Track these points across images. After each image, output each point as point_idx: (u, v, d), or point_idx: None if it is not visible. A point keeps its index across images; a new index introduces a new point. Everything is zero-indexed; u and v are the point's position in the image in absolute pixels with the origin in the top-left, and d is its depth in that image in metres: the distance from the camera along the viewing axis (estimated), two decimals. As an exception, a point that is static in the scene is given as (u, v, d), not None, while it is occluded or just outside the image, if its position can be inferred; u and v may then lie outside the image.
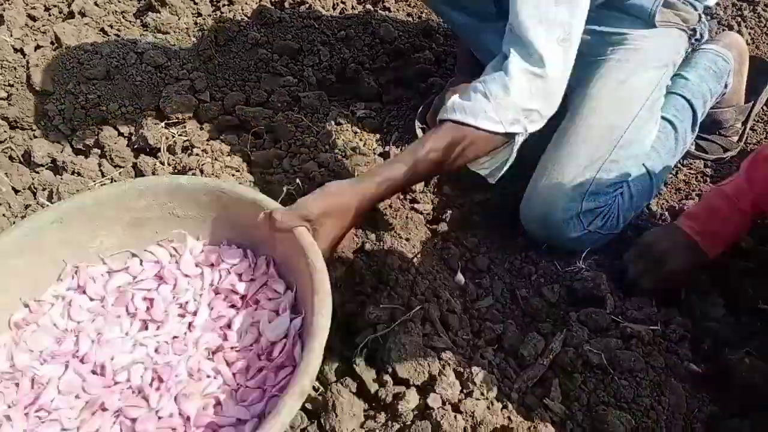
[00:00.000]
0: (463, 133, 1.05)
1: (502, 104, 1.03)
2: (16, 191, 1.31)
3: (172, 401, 0.85)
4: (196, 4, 1.75)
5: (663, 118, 1.27)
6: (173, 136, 1.41)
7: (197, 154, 1.34)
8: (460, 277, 1.20)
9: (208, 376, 0.88)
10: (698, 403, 0.97)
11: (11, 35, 1.54)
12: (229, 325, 0.95)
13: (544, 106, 1.06)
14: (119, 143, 1.40)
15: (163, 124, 1.43)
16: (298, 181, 1.31)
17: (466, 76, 1.50)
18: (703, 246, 1.13)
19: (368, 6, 1.86)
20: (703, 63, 1.37)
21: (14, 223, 1.25)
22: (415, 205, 1.35)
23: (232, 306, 0.99)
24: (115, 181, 1.31)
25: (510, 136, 1.08)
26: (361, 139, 1.49)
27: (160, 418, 0.83)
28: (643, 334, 1.02)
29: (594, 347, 0.98)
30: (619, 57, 1.23)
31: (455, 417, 0.86)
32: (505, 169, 1.13)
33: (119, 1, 1.72)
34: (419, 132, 1.48)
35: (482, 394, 0.91)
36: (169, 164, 1.35)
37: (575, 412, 0.93)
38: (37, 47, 1.55)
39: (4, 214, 1.28)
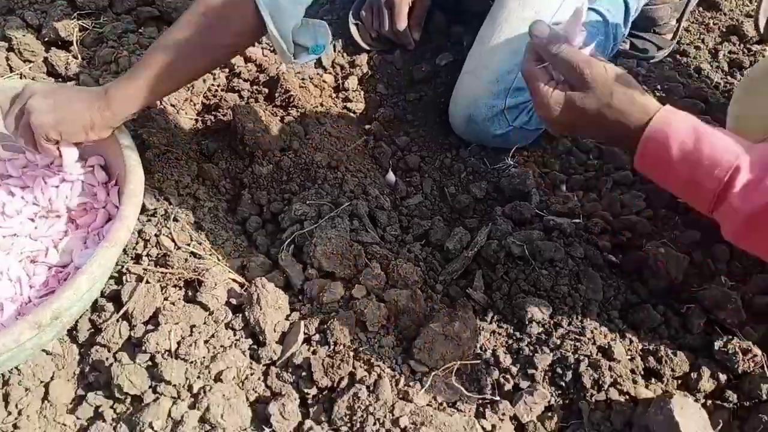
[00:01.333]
0: None
1: None
2: None
3: None
4: None
5: (594, 10, 1.24)
6: (87, 28, 1.31)
7: (112, 47, 1.26)
8: (391, 176, 1.19)
9: (9, 280, 0.90)
10: (614, 291, 1.00)
11: None
12: (55, 246, 0.95)
13: None
14: (28, 36, 1.29)
15: (75, 14, 1.32)
16: (222, 75, 1.25)
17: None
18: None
19: None
20: (638, -43, 1.34)
21: None
22: (348, 104, 1.31)
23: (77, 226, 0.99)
24: (25, 76, 1.22)
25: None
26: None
27: None
28: (565, 227, 1.04)
29: (517, 239, 1.00)
30: None
31: (379, 306, 0.88)
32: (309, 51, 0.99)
33: None
34: (353, 27, 1.42)
35: (407, 285, 0.92)
36: (83, 58, 1.26)
37: (496, 300, 0.96)
38: (-73, -74, 1.39)
39: None
